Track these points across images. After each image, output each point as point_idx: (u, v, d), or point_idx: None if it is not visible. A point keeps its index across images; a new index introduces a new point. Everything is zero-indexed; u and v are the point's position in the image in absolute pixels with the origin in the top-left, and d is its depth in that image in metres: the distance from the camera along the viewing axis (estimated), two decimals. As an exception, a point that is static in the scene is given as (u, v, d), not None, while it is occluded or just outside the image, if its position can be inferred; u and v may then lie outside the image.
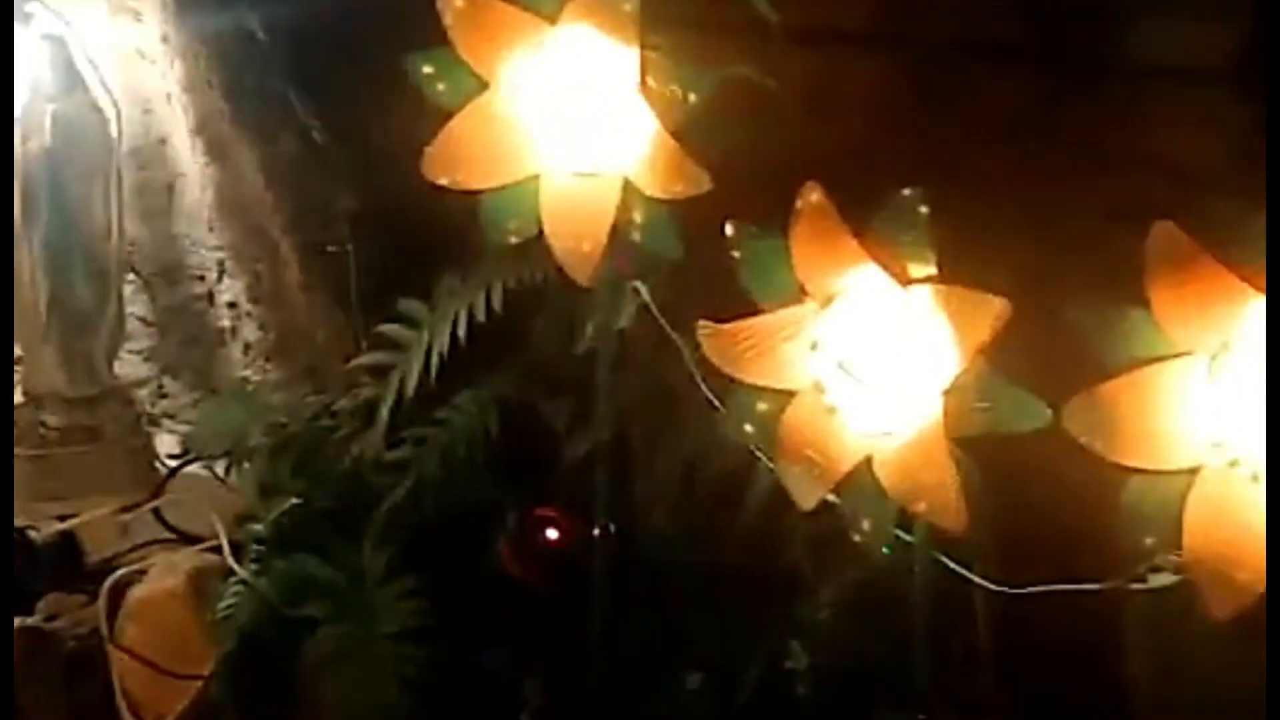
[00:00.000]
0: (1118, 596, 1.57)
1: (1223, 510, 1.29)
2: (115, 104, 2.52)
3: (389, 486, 2.15)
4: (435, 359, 2.14)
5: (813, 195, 1.45)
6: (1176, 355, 1.29)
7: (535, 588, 2.06)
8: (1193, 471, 1.30)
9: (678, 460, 2.07)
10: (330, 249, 2.34)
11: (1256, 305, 1.23)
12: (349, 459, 2.18)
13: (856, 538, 1.50)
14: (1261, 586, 1.27)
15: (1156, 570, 1.48)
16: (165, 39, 2.56)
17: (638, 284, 1.78)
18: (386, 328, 2.22)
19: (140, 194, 2.72)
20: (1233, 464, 1.28)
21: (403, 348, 2.20)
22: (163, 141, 2.70)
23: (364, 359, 2.25)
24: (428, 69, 1.71)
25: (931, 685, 1.74)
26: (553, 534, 2.05)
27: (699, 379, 1.73)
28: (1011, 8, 2.20)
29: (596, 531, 1.95)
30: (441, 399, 2.19)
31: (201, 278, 2.77)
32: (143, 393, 2.74)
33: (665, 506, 2.09)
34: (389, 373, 2.19)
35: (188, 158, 2.66)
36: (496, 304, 2.10)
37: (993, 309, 1.36)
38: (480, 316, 2.12)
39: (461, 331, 2.13)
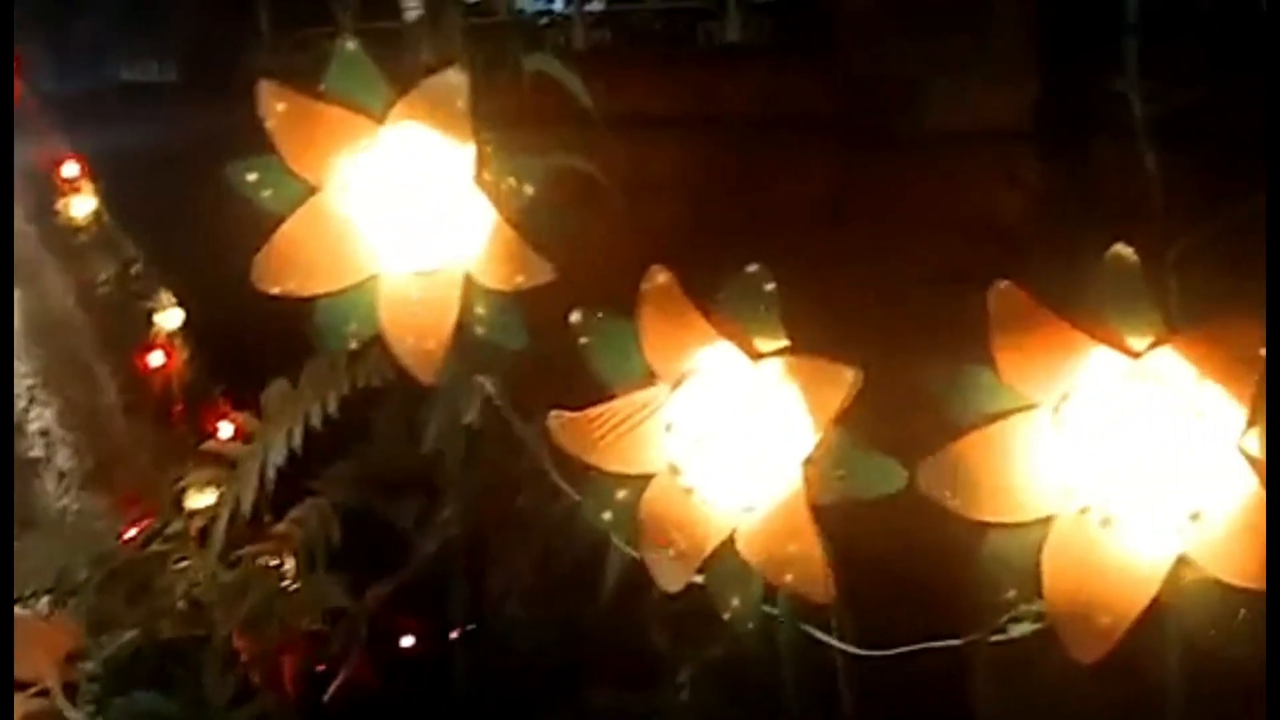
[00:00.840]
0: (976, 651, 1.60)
1: (1078, 556, 1.31)
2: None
3: (230, 608, 2.05)
4: (271, 471, 2.06)
5: (659, 277, 1.45)
6: (1022, 409, 1.32)
7: (391, 697, 1.98)
8: (1046, 521, 1.33)
9: (530, 553, 2.03)
10: (154, 366, 2.24)
11: (1095, 353, 1.27)
12: (184, 584, 2.07)
13: (726, 616, 1.48)
14: (1121, 629, 1.29)
15: (1016, 621, 1.50)
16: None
17: (483, 379, 1.74)
18: (216, 443, 2.13)
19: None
20: (1083, 511, 1.31)
21: (235, 462, 2.11)
22: (-39, 267, 2.56)
23: (194, 477, 2.15)
24: (251, 176, 1.65)
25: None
26: (407, 638, 1.98)
27: (550, 470, 1.69)
28: (816, 86, 2.28)
29: (454, 631, 1.88)
30: (280, 511, 2.10)
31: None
32: (-49, 532, 2.56)
33: (520, 600, 2.04)
34: (222, 490, 2.10)
35: (-11, 283, 2.52)
36: (333, 409, 2.03)
37: (844, 378, 1.37)
38: (315, 423, 2.05)
39: (297, 441, 2.05)
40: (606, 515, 1.57)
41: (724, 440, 1.48)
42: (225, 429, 2.15)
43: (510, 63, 1.88)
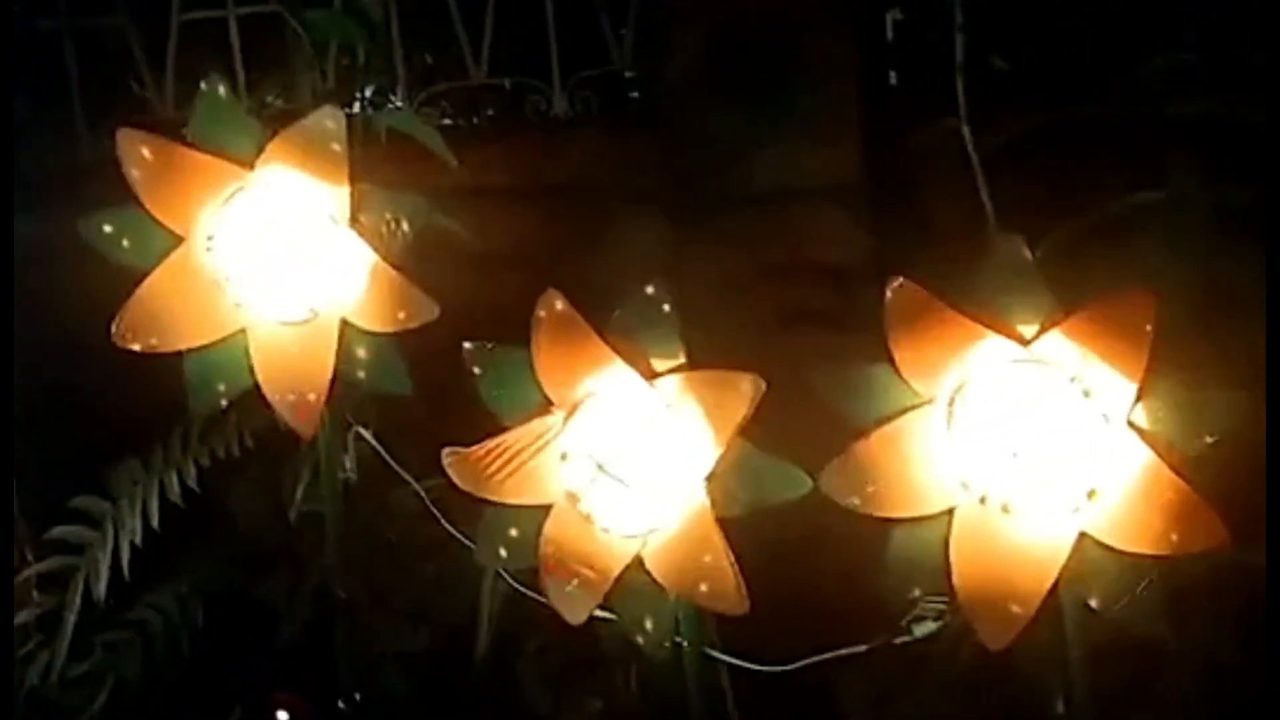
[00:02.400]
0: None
1: (982, 545, 1.32)
2: None
3: (83, 702, 1.90)
4: (125, 553, 1.92)
5: (556, 303, 1.41)
6: (920, 405, 1.33)
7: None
8: (949, 514, 1.33)
9: (408, 612, 1.94)
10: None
11: (987, 343, 1.29)
12: (35, 677, 1.91)
13: (639, 639, 1.43)
14: (1030, 612, 1.30)
15: (919, 620, 1.50)
16: None
17: (361, 429, 1.67)
18: (60, 530, 1.98)
19: None
20: (982, 500, 1.32)
21: (83, 548, 1.97)
22: None
23: (37, 569, 1.99)
24: (108, 228, 1.56)
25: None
26: (284, 718, 1.85)
27: (436, 514, 1.63)
28: (644, 156, 2.30)
29: (341, 705, 1.77)
30: (135, 597, 1.96)
31: None
32: None
33: (398, 662, 1.94)
34: (70, 578, 1.95)
35: None
36: (191, 482, 1.92)
37: (744, 388, 1.35)
38: (174, 498, 1.93)
39: (154, 519, 1.93)
40: (502, 552, 1.51)
41: (623, 463, 1.44)
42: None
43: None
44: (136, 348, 1.58)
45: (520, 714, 1.95)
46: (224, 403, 1.61)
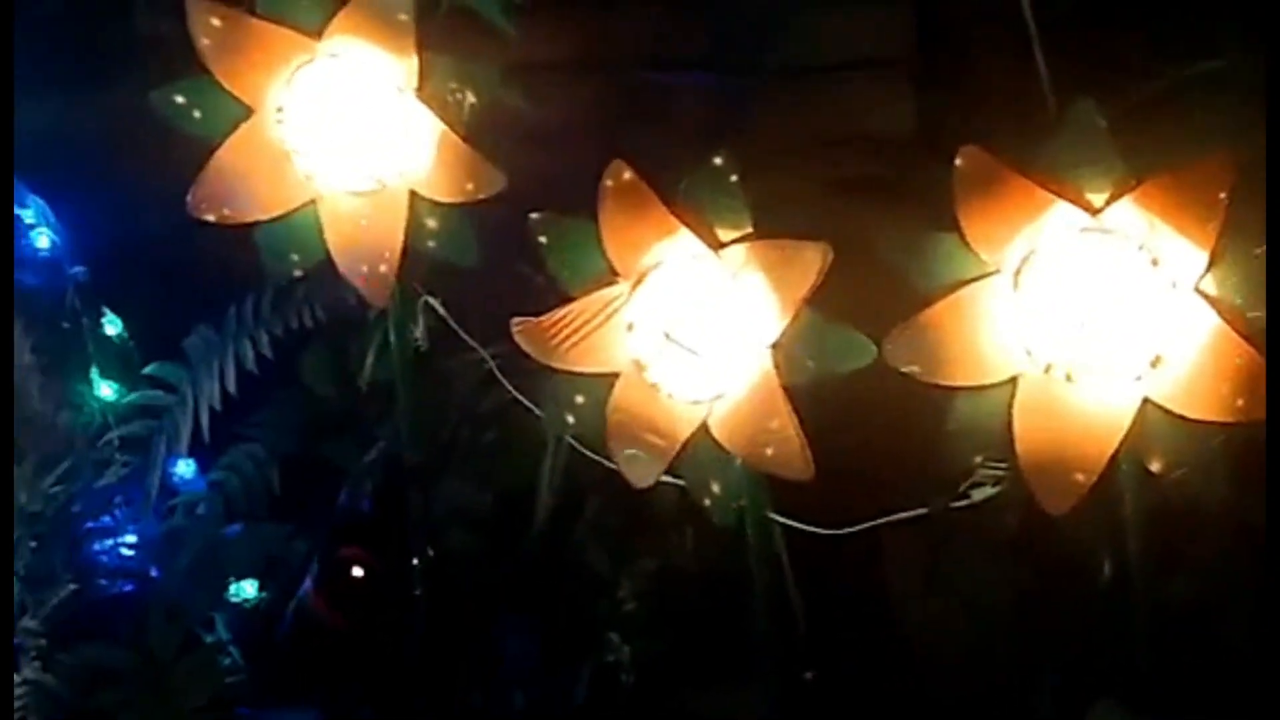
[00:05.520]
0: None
1: (1046, 414, 1.29)
2: None
3: (168, 559, 1.92)
4: (204, 417, 1.93)
5: (623, 173, 1.37)
6: (986, 275, 1.29)
7: (346, 630, 1.87)
8: (1012, 382, 1.30)
9: (475, 476, 1.95)
10: (65, 325, 2.06)
11: (1056, 211, 1.24)
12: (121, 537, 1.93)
13: (707, 503, 1.42)
14: (1092, 479, 1.27)
15: (977, 485, 1.48)
16: None
17: (430, 299, 1.64)
18: (139, 395, 1.99)
19: None
20: (1047, 369, 1.29)
21: (160, 414, 1.98)
22: None
23: (119, 432, 2.00)
24: (180, 99, 1.53)
25: (752, 651, 1.68)
26: (358, 572, 1.87)
27: (505, 383, 1.61)
28: (691, 28, 2.22)
29: (411, 561, 1.78)
30: (214, 458, 1.98)
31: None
32: None
33: (467, 524, 1.95)
34: (152, 440, 1.96)
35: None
36: (265, 350, 1.91)
37: (812, 257, 1.32)
38: (248, 365, 1.93)
39: (230, 385, 1.93)
40: (569, 419, 1.50)
41: (689, 331, 1.41)
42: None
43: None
44: (211, 218, 1.55)
45: (579, 573, 1.96)
46: (297, 273, 1.58)
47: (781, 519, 1.55)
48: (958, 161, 1.23)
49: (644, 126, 2.09)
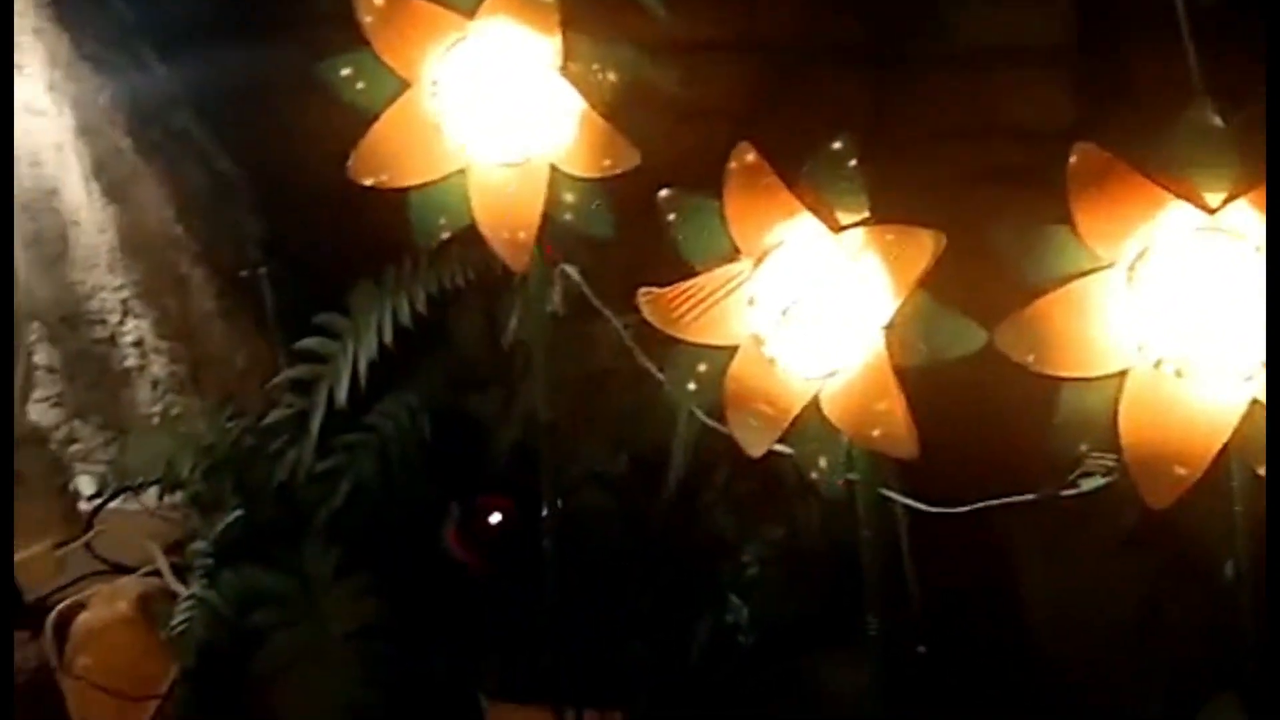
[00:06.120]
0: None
1: (1153, 408, 1.29)
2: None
3: (326, 494, 2.06)
4: (362, 366, 2.06)
5: (747, 155, 1.42)
6: (1099, 268, 1.29)
7: (482, 572, 1.98)
8: (1121, 375, 1.31)
9: (608, 437, 2.03)
10: (243, 274, 2.23)
11: (1171, 209, 1.23)
12: (283, 472, 2.08)
13: (813, 475, 1.46)
14: (1195, 475, 1.27)
15: (1087, 475, 1.49)
16: (52, 88, 2.41)
17: (567, 267, 1.72)
18: (309, 342, 2.13)
19: (36, 245, 2.55)
20: (1157, 364, 1.29)
21: (326, 359, 2.11)
22: (53, 192, 2.53)
23: (287, 375, 2.15)
24: (346, 71, 1.63)
25: (866, 622, 1.71)
26: (496, 519, 1.98)
27: (634, 348, 1.68)
28: (848, 12, 2.22)
29: (541, 513, 1.87)
30: (370, 406, 2.10)
31: (103, 321, 2.61)
32: (56, 437, 2.56)
33: (599, 482, 2.04)
34: (315, 386, 2.10)
35: (82, 204, 2.50)
36: (420, 306, 2.03)
37: (926, 242, 1.34)
38: (404, 320, 2.04)
39: (387, 337, 2.05)
40: (690, 386, 1.55)
41: (806, 310, 1.45)
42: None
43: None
44: (369, 182, 1.65)
45: (705, 537, 2.02)
46: (444, 236, 1.67)
47: (893, 495, 1.58)
48: (1072, 158, 1.24)
49: (790, 109, 2.11)
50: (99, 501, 2.36)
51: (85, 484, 2.46)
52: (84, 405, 2.63)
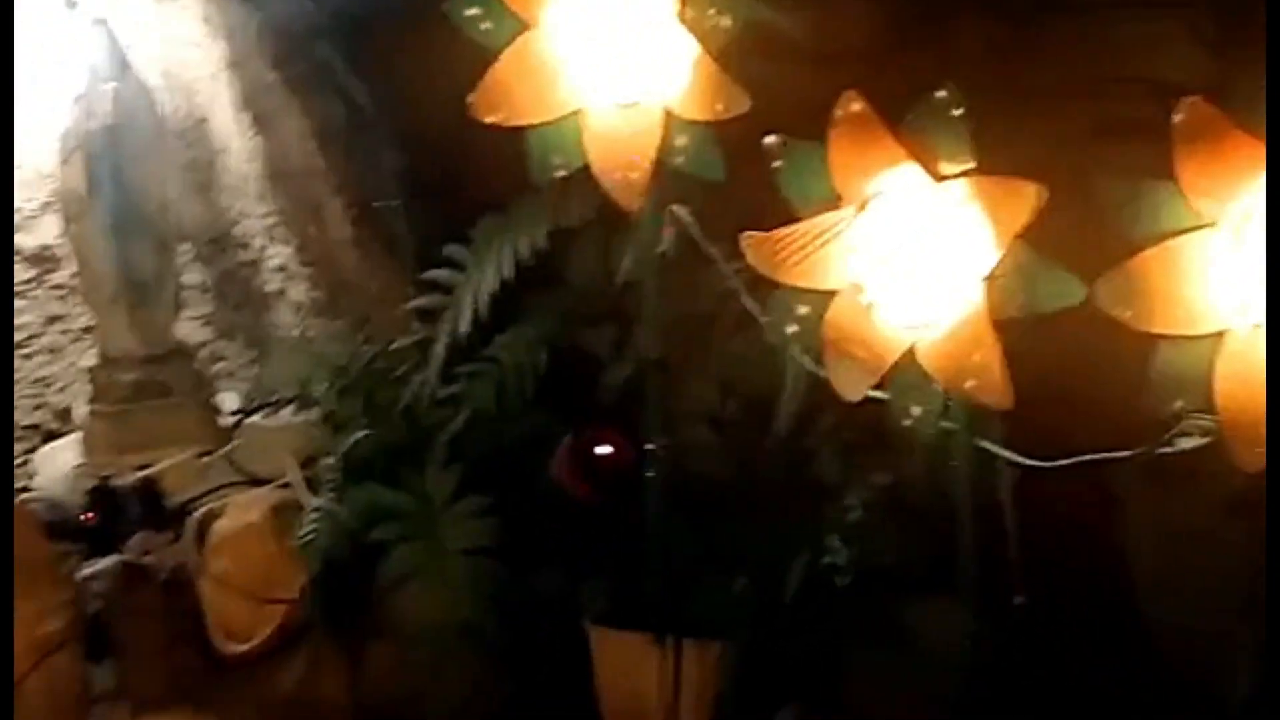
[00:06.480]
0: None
1: (1250, 370, 1.28)
2: (160, 87, 2.50)
3: (447, 418, 2.14)
4: (484, 299, 2.12)
5: (853, 104, 1.43)
6: (1201, 226, 1.28)
7: (590, 501, 2.05)
8: (1219, 335, 1.29)
9: (716, 377, 2.06)
10: (378, 205, 2.31)
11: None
12: (408, 396, 2.17)
13: (906, 423, 1.48)
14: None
15: (1184, 435, 1.47)
16: (206, 20, 2.52)
17: (677, 208, 1.75)
18: (435, 273, 2.20)
19: (189, 171, 2.68)
20: (1257, 326, 1.27)
21: (452, 291, 2.18)
22: (205, 120, 2.66)
23: (416, 303, 2.23)
24: (472, 11, 1.68)
25: (963, 570, 1.73)
26: (605, 450, 2.04)
27: (739, 289, 1.70)
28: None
29: (648, 447, 1.92)
30: (490, 338, 2.17)
31: (248, 245, 2.74)
32: (203, 354, 2.71)
33: (706, 421, 2.08)
34: (440, 315, 2.18)
35: (232, 133, 2.62)
36: (540, 242, 2.08)
37: (1029, 195, 1.34)
38: (525, 255, 2.10)
39: (507, 271, 2.11)
40: (790, 328, 1.58)
41: (907, 259, 1.47)
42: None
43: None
44: (489, 120, 1.71)
45: (811, 481, 2.04)
46: (559, 174, 1.72)
47: (990, 446, 1.58)
48: (1179, 113, 1.22)
49: (915, 57, 2.08)
50: (240, 416, 2.49)
51: (228, 399, 2.60)
52: (230, 325, 2.78)
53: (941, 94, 1.38)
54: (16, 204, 2.54)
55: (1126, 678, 1.79)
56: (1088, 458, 1.54)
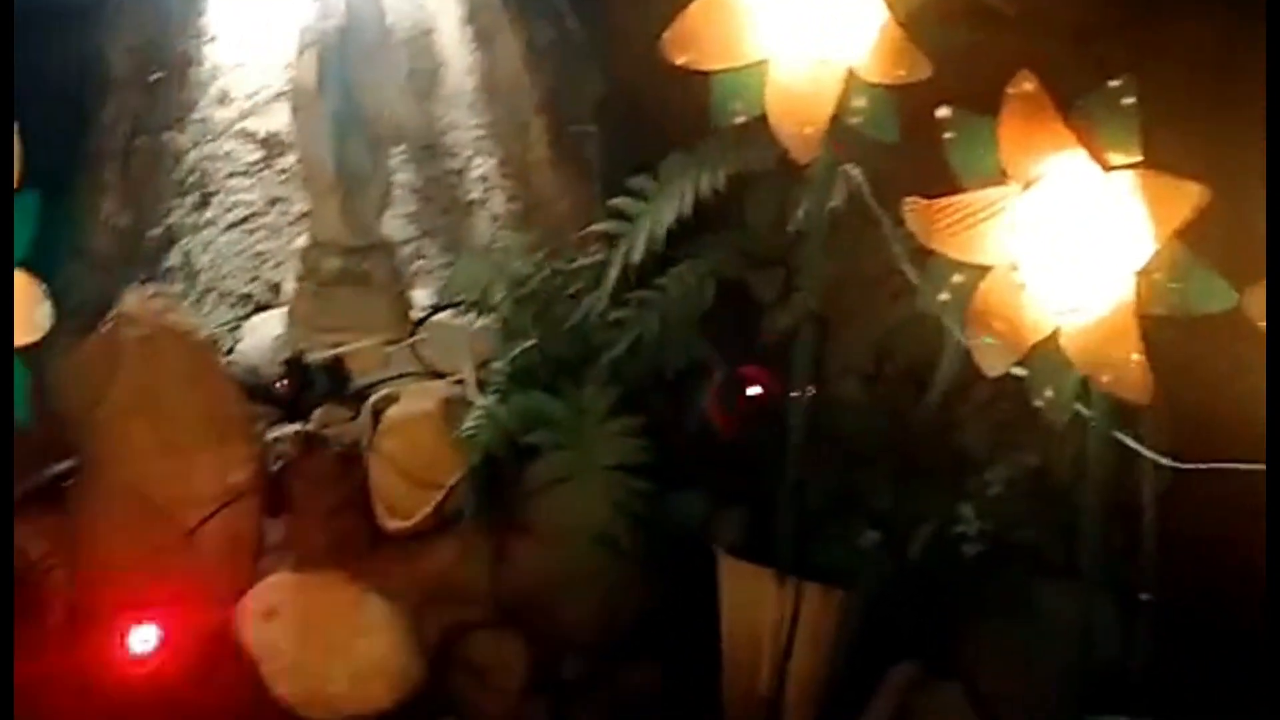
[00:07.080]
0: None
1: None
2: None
3: (613, 339, 2.23)
4: (661, 231, 2.19)
5: (1026, 84, 1.43)
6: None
7: (735, 436, 2.11)
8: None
9: (872, 337, 2.08)
10: (575, 129, 2.40)
11: None
12: (580, 313, 2.26)
13: (1038, 404, 1.49)
14: None
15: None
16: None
17: (850, 167, 1.78)
18: (619, 200, 2.27)
19: (411, 77, 2.81)
20: None
21: (632, 219, 2.25)
22: (430, 31, 2.78)
23: (597, 227, 2.32)
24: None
25: (1091, 558, 1.72)
26: (755, 390, 2.09)
27: (900, 252, 1.72)
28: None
29: (796, 394, 1.97)
30: (663, 269, 2.24)
31: (456, 154, 2.86)
32: (405, 250, 2.86)
33: (858, 377, 2.11)
34: (619, 240, 2.25)
35: (453, 47, 2.74)
36: (719, 183, 2.13)
37: (1191, 194, 1.33)
38: (705, 193, 2.15)
39: (686, 207, 2.17)
40: (943, 296, 1.60)
41: (1064, 244, 1.47)
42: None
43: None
44: (679, 61, 1.76)
45: (955, 451, 2.05)
46: (738, 119, 1.76)
47: (1126, 439, 1.58)
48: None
49: (1140, 41, 2.02)
50: (428, 312, 2.64)
51: (421, 295, 2.75)
52: (432, 226, 2.93)
53: (1115, 83, 1.37)
54: (253, 89, 2.71)
55: (1239, 688, 1.77)
56: (1222, 464, 1.52)
